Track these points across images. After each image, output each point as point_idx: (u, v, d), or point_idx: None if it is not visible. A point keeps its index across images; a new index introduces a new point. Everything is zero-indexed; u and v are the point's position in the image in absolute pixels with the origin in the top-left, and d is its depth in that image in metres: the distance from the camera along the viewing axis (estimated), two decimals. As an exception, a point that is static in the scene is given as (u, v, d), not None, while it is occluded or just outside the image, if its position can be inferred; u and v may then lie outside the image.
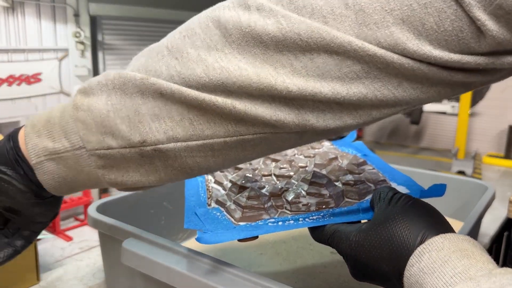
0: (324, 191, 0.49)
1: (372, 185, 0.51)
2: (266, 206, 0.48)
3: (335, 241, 0.43)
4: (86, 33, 0.91)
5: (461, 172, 1.29)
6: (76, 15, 0.89)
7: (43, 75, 0.86)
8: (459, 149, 1.42)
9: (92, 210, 0.63)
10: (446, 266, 0.34)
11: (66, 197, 0.92)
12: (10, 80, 0.82)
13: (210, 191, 0.56)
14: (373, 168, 0.54)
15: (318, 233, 0.45)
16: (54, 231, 0.86)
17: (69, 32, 0.89)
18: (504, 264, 0.92)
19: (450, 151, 1.55)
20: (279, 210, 0.48)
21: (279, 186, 0.52)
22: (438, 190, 0.47)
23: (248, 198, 0.48)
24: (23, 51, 0.83)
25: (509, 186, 1.20)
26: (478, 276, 0.32)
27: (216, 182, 0.58)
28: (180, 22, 1.17)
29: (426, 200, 0.44)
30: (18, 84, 0.83)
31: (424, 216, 0.38)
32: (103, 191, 1.01)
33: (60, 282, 0.69)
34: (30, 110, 0.86)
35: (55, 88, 0.88)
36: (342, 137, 0.74)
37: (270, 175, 0.56)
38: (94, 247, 0.81)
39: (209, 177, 0.61)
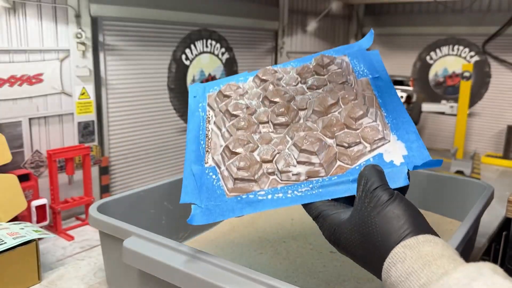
0: (315, 159, 0.48)
1: (368, 145, 0.49)
2: (256, 177, 0.48)
3: (320, 224, 0.45)
4: (87, 34, 0.91)
5: (460, 172, 1.29)
6: (77, 16, 0.90)
7: (45, 75, 0.86)
8: (458, 149, 1.43)
9: (93, 210, 0.63)
10: (411, 279, 0.36)
11: (68, 197, 0.93)
12: (12, 80, 0.82)
13: (209, 138, 0.56)
14: (373, 120, 0.50)
15: (307, 209, 0.47)
16: (56, 230, 0.87)
17: (70, 33, 0.89)
18: (503, 263, 0.92)
19: (449, 151, 1.55)
20: (270, 178, 0.49)
21: (271, 150, 0.51)
22: (434, 163, 0.46)
23: (239, 168, 0.49)
24: (24, 51, 0.83)
25: (508, 186, 1.20)
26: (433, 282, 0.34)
27: (216, 125, 0.57)
28: (181, 24, 1.18)
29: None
30: (20, 85, 0.83)
31: (395, 222, 0.39)
32: (104, 191, 1.01)
33: (61, 281, 0.69)
34: (32, 111, 0.86)
35: (56, 88, 0.89)
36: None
37: (268, 122, 0.54)
38: (95, 246, 0.81)
39: (210, 112, 0.59)
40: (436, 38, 1.67)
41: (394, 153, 0.48)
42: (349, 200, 0.46)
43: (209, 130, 0.57)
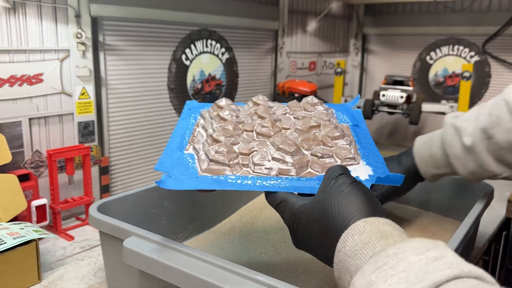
0: (289, 159, 0.51)
1: (339, 160, 0.53)
2: (231, 163, 0.51)
3: (281, 209, 0.47)
4: (87, 34, 0.91)
5: (460, 172, 1.29)
6: (77, 16, 0.90)
7: (45, 75, 0.87)
8: (458, 149, 1.43)
9: (93, 210, 0.63)
10: (366, 248, 0.37)
11: (68, 197, 0.93)
12: (12, 80, 0.82)
13: (194, 136, 0.59)
14: (347, 144, 0.55)
15: (270, 197, 0.49)
16: (56, 230, 0.87)
17: (70, 33, 0.89)
18: (503, 263, 0.92)
19: (449, 151, 1.54)
20: (244, 169, 0.52)
21: (250, 146, 0.54)
22: (396, 179, 0.50)
23: (217, 152, 0.51)
24: (24, 51, 0.83)
25: (508, 186, 1.20)
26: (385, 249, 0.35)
27: (203, 127, 0.60)
28: (181, 24, 1.18)
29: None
30: (20, 85, 0.83)
31: (357, 201, 0.41)
32: (104, 191, 1.01)
33: (61, 281, 0.69)
34: (32, 111, 0.86)
35: (56, 88, 0.89)
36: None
37: (252, 131, 0.58)
38: (95, 246, 0.82)
39: (201, 120, 0.63)
40: (436, 38, 1.67)
41: (361, 172, 0.52)
42: None
43: (195, 131, 0.61)
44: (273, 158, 0.51)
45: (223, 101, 0.64)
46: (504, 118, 0.62)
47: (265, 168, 0.51)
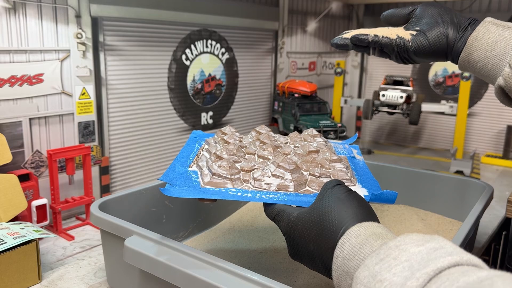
0: (288, 176, 0.54)
1: None
2: (233, 177, 0.54)
3: (279, 219, 0.49)
4: (87, 34, 0.92)
5: (460, 172, 1.29)
6: (78, 16, 0.90)
7: (45, 75, 0.87)
8: (458, 149, 1.43)
9: (94, 208, 0.63)
10: (364, 248, 0.39)
11: (68, 197, 0.93)
12: (12, 80, 0.82)
13: (198, 157, 0.62)
14: (345, 167, 0.58)
15: (268, 210, 0.51)
16: (56, 230, 0.87)
17: (71, 33, 0.89)
18: (503, 263, 0.92)
19: (448, 151, 1.55)
20: (244, 184, 0.54)
21: (251, 164, 0.56)
22: (389, 197, 0.52)
23: (219, 166, 0.54)
24: (24, 51, 0.83)
25: (507, 186, 1.20)
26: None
27: (207, 150, 0.64)
28: (181, 24, 1.19)
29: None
30: (20, 85, 0.83)
31: (352, 207, 0.44)
32: (104, 191, 1.01)
33: (62, 281, 0.69)
34: (32, 111, 0.86)
35: (56, 88, 0.89)
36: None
37: (254, 154, 0.61)
38: (96, 246, 0.82)
39: (206, 146, 0.67)
40: (436, 38, 1.67)
41: (358, 191, 0.55)
42: None
43: (200, 153, 0.65)
44: (273, 175, 0.54)
45: (227, 129, 0.68)
46: None
47: (265, 184, 0.53)
